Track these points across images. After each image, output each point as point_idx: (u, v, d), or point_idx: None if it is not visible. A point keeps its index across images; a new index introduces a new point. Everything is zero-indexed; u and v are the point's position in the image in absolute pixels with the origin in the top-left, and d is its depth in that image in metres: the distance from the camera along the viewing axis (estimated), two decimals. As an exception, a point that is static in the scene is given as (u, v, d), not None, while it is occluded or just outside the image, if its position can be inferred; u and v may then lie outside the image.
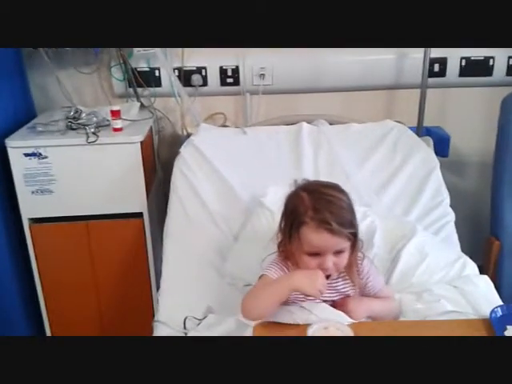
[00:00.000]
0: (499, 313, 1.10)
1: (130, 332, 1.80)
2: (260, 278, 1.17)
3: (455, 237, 1.50)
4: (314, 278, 1.05)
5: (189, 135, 2.02)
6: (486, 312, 1.17)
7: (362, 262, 1.17)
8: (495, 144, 1.66)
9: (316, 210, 1.06)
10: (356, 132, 1.71)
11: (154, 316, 1.38)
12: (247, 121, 2.11)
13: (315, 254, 1.08)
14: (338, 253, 1.08)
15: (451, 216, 1.53)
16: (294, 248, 1.11)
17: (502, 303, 1.23)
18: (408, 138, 1.68)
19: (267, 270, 1.16)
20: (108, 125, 1.71)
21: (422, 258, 1.34)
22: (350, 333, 1.02)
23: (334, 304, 1.16)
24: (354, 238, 1.09)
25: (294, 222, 1.09)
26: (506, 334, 1.03)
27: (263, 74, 1.94)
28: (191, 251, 1.49)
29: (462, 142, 2.06)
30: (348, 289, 1.17)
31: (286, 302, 1.15)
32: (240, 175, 1.60)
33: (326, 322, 1.06)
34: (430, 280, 1.31)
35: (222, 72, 1.96)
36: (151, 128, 1.87)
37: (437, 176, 1.59)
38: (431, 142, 1.76)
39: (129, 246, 1.78)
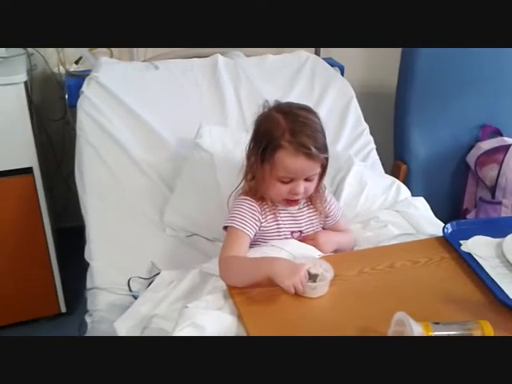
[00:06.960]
0: (450, 229, 1.17)
1: (27, 306, 1.60)
2: (228, 229, 1.06)
3: (379, 163, 1.56)
4: (296, 271, 0.93)
5: (70, 74, 1.73)
6: (428, 231, 1.24)
7: (324, 190, 1.16)
8: (398, 75, 1.72)
9: (293, 133, 1.00)
10: (273, 64, 1.63)
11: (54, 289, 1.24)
12: (134, 56, 1.87)
13: (287, 181, 1.04)
14: (309, 178, 1.06)
15: (373, 144, 1.58)
16: (266, 173, 1.04)
17: (439, 221, 1.33)
18: (323, 69, 1.67)
19: (237, 223, 1.05)
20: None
21: (362, 188, 1.36)
22: (327, 267, 1.00)
23: (303, 239, 1.14)
24: (326, 162, 1.07)
25: (269, 145, 1.02)
26: (463, 248, 1.10)
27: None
28: (119, 206, 1.30)
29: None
30: (313, 217, 1.16)
31: (255, 243, 1.09)
32: (160, 116, 1.42)
33: (302, 259, 1.02)
34: (372, 207, 1.35)
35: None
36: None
37: (355, 106, 1.62)
38: (339, 72, 1.77)
39: (18, 208, 1.50)
